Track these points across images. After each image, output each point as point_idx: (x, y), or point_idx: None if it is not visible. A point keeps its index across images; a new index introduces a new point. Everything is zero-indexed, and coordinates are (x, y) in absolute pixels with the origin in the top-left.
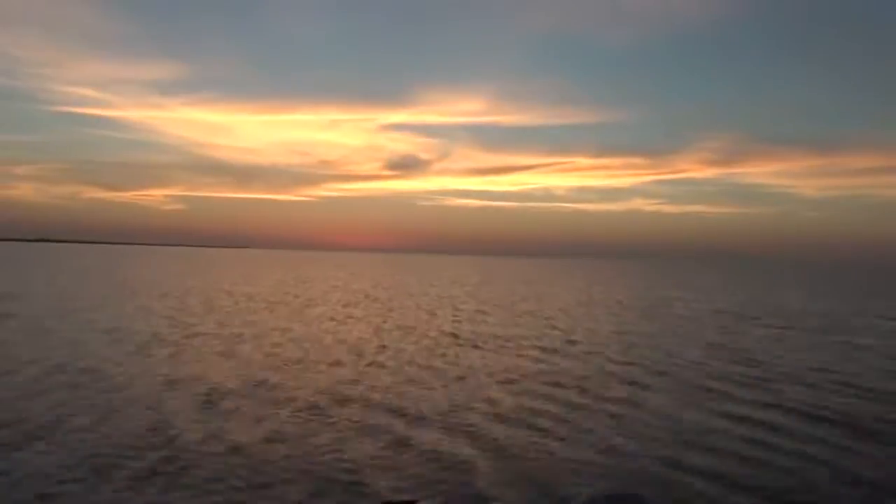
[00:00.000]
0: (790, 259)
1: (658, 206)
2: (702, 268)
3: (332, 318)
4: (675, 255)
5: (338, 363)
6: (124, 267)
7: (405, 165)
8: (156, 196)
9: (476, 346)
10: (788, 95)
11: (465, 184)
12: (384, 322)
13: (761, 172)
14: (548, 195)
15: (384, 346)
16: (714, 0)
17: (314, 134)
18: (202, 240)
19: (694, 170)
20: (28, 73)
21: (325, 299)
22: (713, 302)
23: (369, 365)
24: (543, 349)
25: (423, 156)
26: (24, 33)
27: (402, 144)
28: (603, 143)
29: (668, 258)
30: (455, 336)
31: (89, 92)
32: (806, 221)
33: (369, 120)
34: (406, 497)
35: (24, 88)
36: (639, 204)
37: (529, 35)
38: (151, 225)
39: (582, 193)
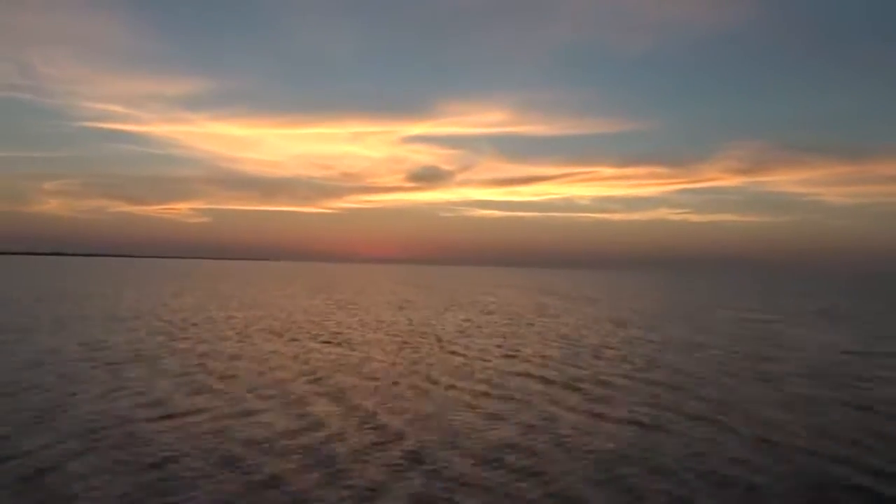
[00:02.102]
0: (818, 267)
1: (683, 216)
2: (728, 278)
3: None
4: (702, 265)
5: None
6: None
7: (427, 177)
8: (181, 209)
9: None
10: (815, 102)
11: (487, 194)
12: None
13: (788, 180)
14: (571, 205)
15: None
16: (739, 6)
17: (337, 147)
18: (227, 252)
19: (719, 178)
20: (57, 90)
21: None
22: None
23: None
24: None
25: (445, 167)
26: (52, 51)
27: (425, 156)
28: (626, 153)
29: (695, 268)
30: None
31: (116, 108)
32: (834, 230)
33: (392, 132)
34: None
35: (52, 105)
36: (663, 213)
37: (551, 45)
38: (177, 238)
39: (605, 203)
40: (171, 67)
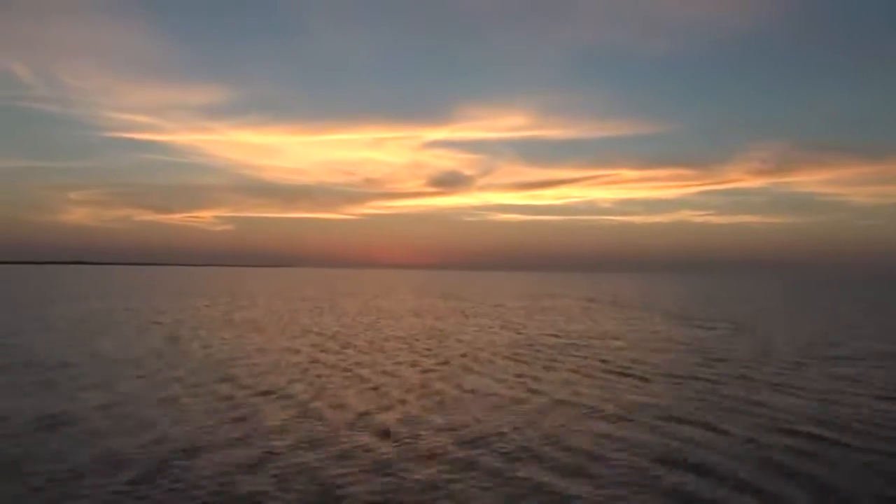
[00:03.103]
0: (843, 268)
1: (706, 218)
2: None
3: None
4: (725, 267)
5: None
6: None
7: (449, 182)
8: (205, 217)
9: None
10: (838, 101)
11: (509, 199)
12: None
13: (812, 181)
14: (593, 208)
15: None
16: (760, 6)
17: (358, 153)
18: (251, 259)
19: (742, 180)
20: (82, 101)
21: None
22: None
23: None
24: None
25: (467, 172)
26: (78, 62)
27: (446, 161)
28: (648, 155)
29: (718, 270)
30: None
31: (140, 118)
32: (859, 230)
33: (413, 137)
34: None
35: (78, 116)
36: (686, 215)
37: (571, 48)
38: (201, 246)
39: (627, 206)
40: (194, 76)
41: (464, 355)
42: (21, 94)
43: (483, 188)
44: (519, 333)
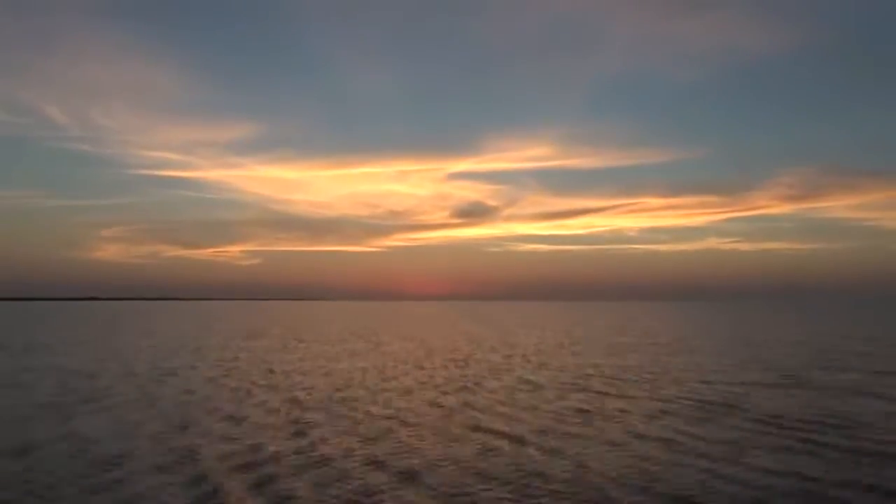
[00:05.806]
0: (876, 293)
1: (734, 245)
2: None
3: None
4: (754, 294)
5: None
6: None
7: (473, 213)
8: (233, 252)
9: None
10: (867, 125)
11: (534, 229)
12: None
13: (841, 206)
14: (618, 237)
15: None
16: (785, 30)
17: (383, 186)
18: (278, 293)
19: (770, 206)
20: (115, 140)
21: None
22: None
23: None
24: None
25: (491, 202)
26: (111, 103)
27: (470, 192)
28: (674, 183)
29: (747, 297)
30: None
31: (170, 155)
32: (891, 254)
33: (437, 169)
34: None
35: (111, 155)
36: (713, 243)
37: (594, 78)
38: (229, 280)
39: (654, 234)
40: (222, 114)
41: None
42: (55, 134)
43: (508, 219)
44: None
